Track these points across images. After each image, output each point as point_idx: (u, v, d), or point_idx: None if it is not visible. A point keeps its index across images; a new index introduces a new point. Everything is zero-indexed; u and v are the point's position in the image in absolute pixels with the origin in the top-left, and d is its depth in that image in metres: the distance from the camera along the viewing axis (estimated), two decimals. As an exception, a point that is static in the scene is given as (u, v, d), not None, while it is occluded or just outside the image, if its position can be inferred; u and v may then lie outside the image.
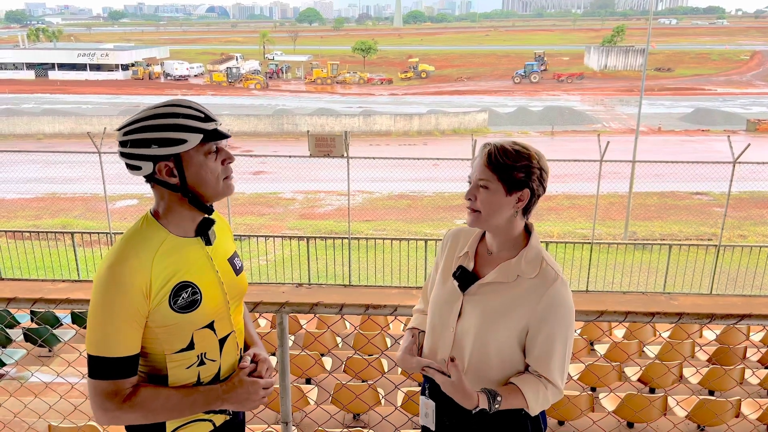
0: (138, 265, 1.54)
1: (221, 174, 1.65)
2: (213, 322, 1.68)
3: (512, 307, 1.75)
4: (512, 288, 1.76)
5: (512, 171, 1.71)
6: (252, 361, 1.78)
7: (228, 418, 1.82)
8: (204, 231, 1.68)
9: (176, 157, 1.57)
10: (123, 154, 1.58)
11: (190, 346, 1.65)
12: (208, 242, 1.69)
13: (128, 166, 1.60)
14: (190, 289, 1.61)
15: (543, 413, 1.94)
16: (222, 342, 1.72)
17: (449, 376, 1.77)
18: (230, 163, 1.68)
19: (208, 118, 1.60)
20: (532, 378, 1.79)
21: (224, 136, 1.63)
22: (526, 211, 1.79)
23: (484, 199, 1.74)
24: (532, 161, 1.72)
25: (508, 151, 1.71)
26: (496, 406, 1.75)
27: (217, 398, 1.66)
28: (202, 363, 1.68)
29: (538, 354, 1.77)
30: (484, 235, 1.89)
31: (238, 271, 1.79)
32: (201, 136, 1.57)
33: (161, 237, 1.61)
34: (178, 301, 1.59)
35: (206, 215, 1.68)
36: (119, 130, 1.59)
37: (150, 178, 1.60)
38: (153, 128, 1.55)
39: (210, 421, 1.77)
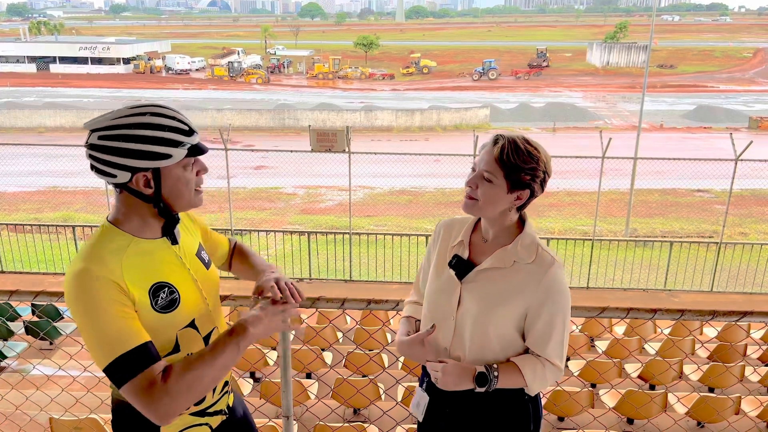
0: (103, 267, 1.47)
1: (194, 185, 1.61)
2: (194, 320, 1.65)
3: (511, 292, 1.77)
4: (510, 274, 1.78)
5: (520, 172, 1.71)
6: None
7: (225, 418, 1.81)
8: (170, 230, 1.64)
9: (155, 170, 1.52)
10: (95, 159, 1.50)
11: (176, 348, 1.61)
12: (175, 241, 1.65)
13: (98, 170, 1.51)
14: (166, 288, 1.57)
15: (539, 402, 1.96)
16: (206, 340, 1.69)
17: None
18: (204, 174, 1.63)
19: (191, 131, 1.56)
20: (531, 356, 1.82)
21: (204, 151, 1.59)
22: (522, 207, 1.81)
23: (485, 191, 1.75)
24: (540, 164, 1.73)
25: (521, 150, 1.71)
26: (495, 374, 1.78)
27: (243, 330, 1.58)
28: None
29: (538, 336, 1.79)
30: (477, 223, 1.91)
31: (207, 265, 1.76)
32: (185, 152, 1.54)
33: (125, 242, 1.54)
34: (158, 302, 1.55)
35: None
36: (93, 131, 1.49)
37: (121, 186, 1.53)
38: (137, 139, 1.48)
39: (206, 425, 1.75)
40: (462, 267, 1.83)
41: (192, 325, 1.64)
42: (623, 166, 15.92)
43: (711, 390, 5.70)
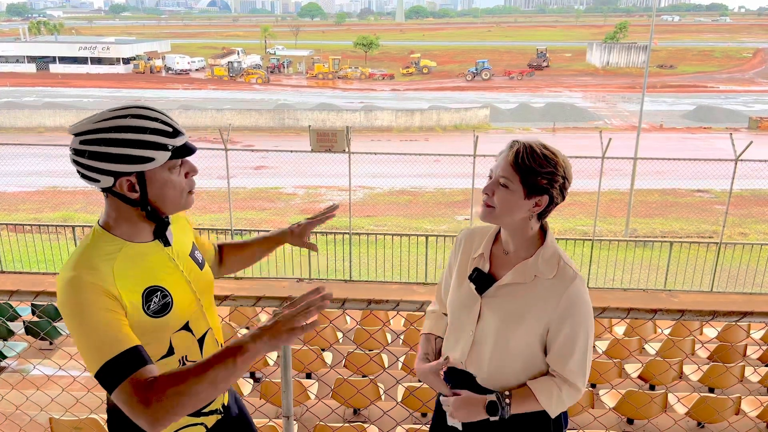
0: (94, 273, 1.45)
1: (185, 188, 1.57)
2: (188, 322, 1.63)
3: (532, 308, 1.73)
4: (530, 289, 1.74)
5: (536, 176, 1.67)
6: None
7: (220, 417, 1.80)
8: (161, 233, 1.61)
9: (139, 173, 1.47)
10: (79, 164, 1.47)
11: (170, 352, 1.59)
12: (167, 243, 1.63)
13: (82, 175, 1.49)
14: (159, 292, 1.55)
15: (565, 414, 1.93)
16: (201, 342, 1.67)
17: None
18: (194, 175, 1.59)
19: (176, 132, 1.50)
20: (547, 379, 1.78)
21: (191, 151, 1.54)
22: (542, 215, 1.77)
23: (501, 197, 1.71)
24: (558, 169, 1.69)
25: (537, 154, 1.68)
26: (506, 401, 1.76)
27: (242, 344, 1.38)
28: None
29: (558, 353, 1.76)
30: (498, 235, 1.87)
31: (201, 265, 1.74)
32: (169, 154, 1.48)
33: (116, 247, 1.52)
34: (151, 306, 1.53)
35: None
36: (75, 135, 1.46)
37: (106, 190, 1.50)
38: (117, 143, 1.43)
39: (202, 424, 1.74)
40: (482, 281, 1.80)
41: (186, 327, 1.62)
42: (623, 167, 15.95)
43: (711, 390, 5.70)
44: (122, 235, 1.54)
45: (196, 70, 66.39)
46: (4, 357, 6.34)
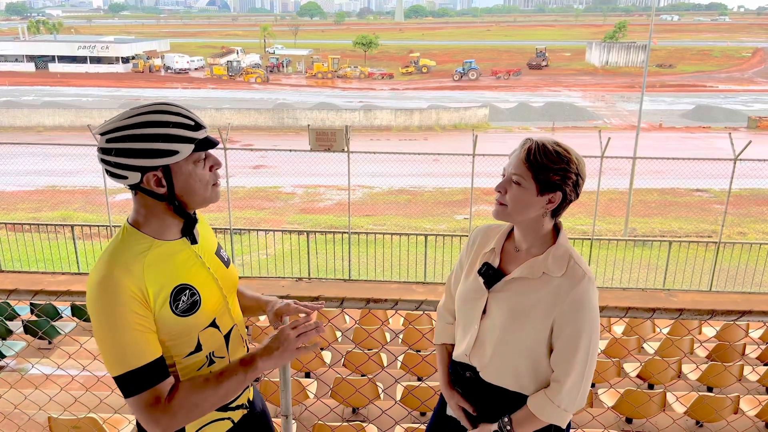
0: (127, 273, 1.48)
1: (210, 181, 1.60)
2: (215, 319, 1.66)
3: (538, 305, 1.72)
4: (538, 286, 1.73)
5: (548, 172, 1.67)
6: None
7: (245, 412, 1.82)
8: (189, 230, 1.64)
9: (165, 167, 1.51)
10: (106, 162, 1.51)
11: (198, 348, 1.63)
12: (194, 241, 1.66)
13: (110, 173, 1.53)
14: (188, 291, 1.58)
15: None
16: (227, 338, 1.71)
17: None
18: (218, 168, 1.63)
19: (198, 126, 1.55)
20: (540, 396, 1.77)
21: (214, 144, 1.58)
22: (556, 213, 1.76)
23: (514, 194, 1.71)
24: (571, 166, 1.69)
25: (549, 151, 1.68)
26: (508, 428, 1.79)
27: (252, 361, 1.59)
28: (211, 362, 1.66)
29: (559, 354, 1.73)
30: (511, 232, 1.87)
31: (227, 263, 1.77)
32: (192, 146, 1.53)
33: (146, 245, 1.55)
34: (179, 305, 1.56)
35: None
36: (102, 134, 1.51)
37: (135, 187, 1.54)
38: (142, 138, 1.48)
39: (229, 419, 1.76)
40: (491, 276, 1.81)
41: (213, 324, 1.66)
42: (622, 166, 15.95)
43: (710, 389, 5.71)
44: (151, 232, 1.57)
45: (196, 69, 66.39)
46: (3, 356, 6.34)
